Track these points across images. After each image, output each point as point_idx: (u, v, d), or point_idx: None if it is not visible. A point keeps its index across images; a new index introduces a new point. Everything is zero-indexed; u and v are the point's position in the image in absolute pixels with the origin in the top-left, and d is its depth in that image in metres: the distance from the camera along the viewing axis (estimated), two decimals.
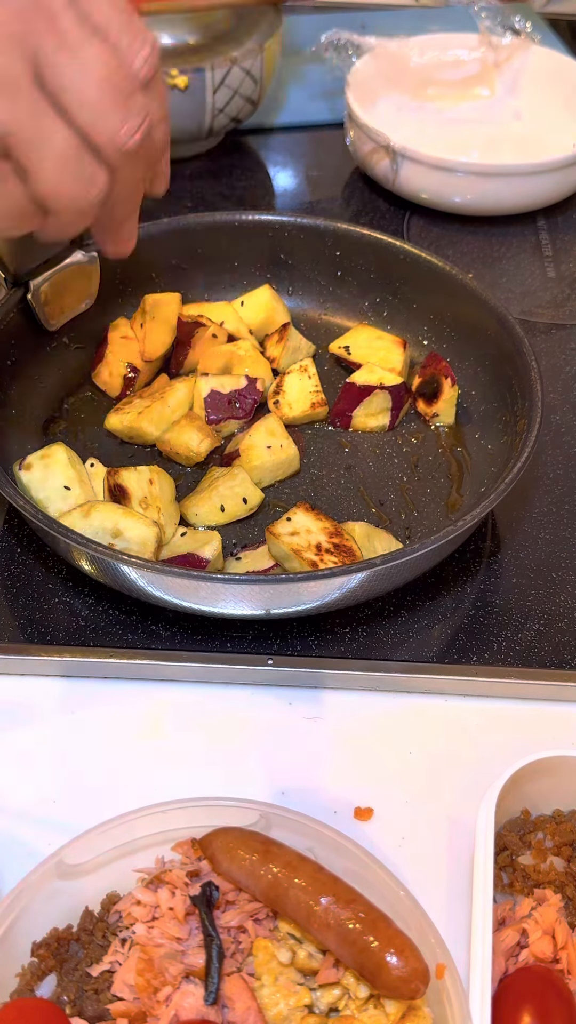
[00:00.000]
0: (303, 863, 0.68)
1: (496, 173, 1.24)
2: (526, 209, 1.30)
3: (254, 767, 0.81)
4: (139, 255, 1.09)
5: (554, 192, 1.29)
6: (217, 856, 0.69)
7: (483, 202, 1.26)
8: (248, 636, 0.87)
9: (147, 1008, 0.64)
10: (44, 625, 0.88)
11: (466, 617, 0.89)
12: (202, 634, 0.87)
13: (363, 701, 0.86)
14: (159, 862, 0.71)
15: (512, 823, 0.76)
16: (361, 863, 0.69)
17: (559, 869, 0.73)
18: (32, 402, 1.01)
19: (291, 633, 0.87)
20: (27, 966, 0.67)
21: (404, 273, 1.08)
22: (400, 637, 0.88)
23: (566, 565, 0.94)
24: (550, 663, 0.86)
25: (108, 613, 0.89)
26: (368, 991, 0.65)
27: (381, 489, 0.98)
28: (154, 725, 0.84)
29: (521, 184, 1.25)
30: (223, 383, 1.00)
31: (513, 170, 1.24)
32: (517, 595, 0.91)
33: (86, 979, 0.66)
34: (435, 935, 0.66)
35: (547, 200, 1.30)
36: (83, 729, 0.83)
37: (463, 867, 0.75)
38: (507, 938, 0.69)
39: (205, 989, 0.65)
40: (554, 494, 0.99)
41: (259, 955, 0.67)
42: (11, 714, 0.84)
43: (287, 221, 1.11)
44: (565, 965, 0.68)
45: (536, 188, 1.26)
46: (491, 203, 1.27)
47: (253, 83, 1.28)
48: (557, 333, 1.16)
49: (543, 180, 1.25)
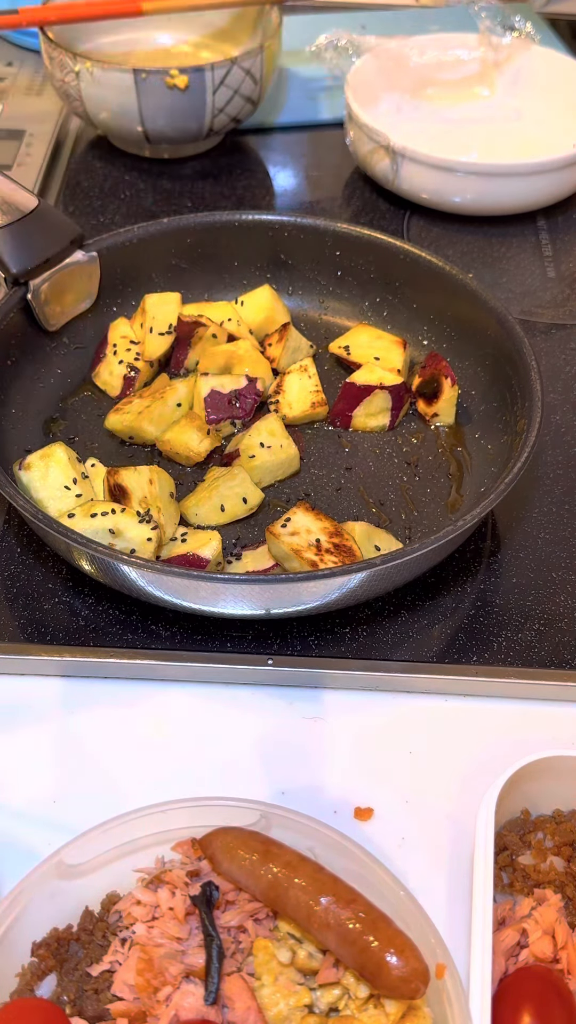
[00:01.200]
0: (303, 863, 0.68)
1: (496, 173, 1.24)
2: (526, 209, 1.30)
3: (254, 767, 0.81)
4: (139, 255, 1.10)
5: (554, 192, 1.29)
6: (217, 856, 0.69)
7: (483, 202, 1.26)
8: (248, 636, 0.87)
9: (147, 1008, 0.64)
10: (44, 625, 0.88)
11: (466, 617, 0.89)
12: (202, 634, 0.87)
13: (363, 701, 0.86)
14: (159, 862, 0.71)
15: (512, 823, 0.76)
16: (361, 863, 0.69)
17: (559, 869, 0.73)
18: (32, 402, 1.01)
19: (291, 633, 0.87)
20: (27, 966, 0.67)
21: (404, 273, 1.08)
22: (400, 637, 0.88)
23: (566, 565, 0.94)
24: (550, 663, 0.86)
25: (108, 613, 0.88)
26: (368, 991, 0.65)
27: (381, 489, 0.98)
28: (154, 725, 0.84)
29: (521, 184, 1.25)
30: (223, 383, 1.00)
31: (513, 170, 1.24)
32: (517, 595, 0.91)
33: (86, 979, 0.66)
34: (435, 935, 0.66)
35: (547, 200, 1.30)
36: (83, 729, 0.83)
37: (463, 867, 0.75)
38: (507, 938, 0.69)
39: (205, 989, 0.65)
40: (554, 494, 0.99)
41: (259, 955, 0.67)
42: (11, 714, 0.84)
43: (287, 221, 1.11)
44: (565, 965, 0.68)
45: (536, 188, 1.26)
46: (491, 203, 1.27)
47: (253, 83, 1.28)
48: (557, 333, 1.16)
49: (543, 180, 1.25)
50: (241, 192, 1.34)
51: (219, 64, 1.23)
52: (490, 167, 1.24)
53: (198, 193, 1.34)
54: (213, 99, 1.26)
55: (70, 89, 1.27)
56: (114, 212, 1.31)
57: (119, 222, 1.28)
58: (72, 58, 1.24)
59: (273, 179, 1.38)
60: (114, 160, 1.38)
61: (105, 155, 1.39)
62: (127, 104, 1.25)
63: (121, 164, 1.37)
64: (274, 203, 1.35)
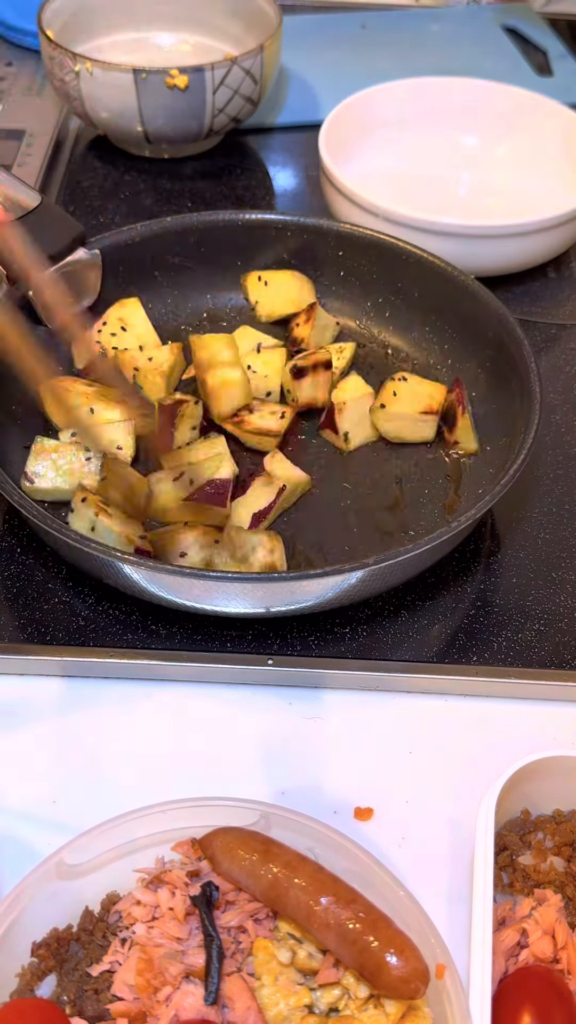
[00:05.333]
0: (303, 863, 0.68)
1: (483, 235, 1.14)
2: (517, 269, 1.20)
3: (254, 767, 0.81)
4: (142, 253, 1.10)
5: (549, 250, 1.20)
6: (217, 856, 0.69)
7: (470, 263, 1.10)
8: (248, 636, 0.87)
9: (147, 1008, 0.64)
10: (44, 625, 0.88)
11: (466, 617, 0.89)
12: (202, 634, 0.87)
13: (363, 701, 0.86)
14: (159, 862, 0.71)
15: (512, 823, 0.76)
16: (361, 863, 0.69)
17: (559, 869, 0.73)
18: (33, 398, 1.01)
19: (291, 633, 0.87)
20: (27, 966, 0.67)
21: (407, 273, 1.08)
22: (400, 637, 0.88)
23: (566, 565, 0.94)
24: (550, 663, 0.86)
25: (108, 613, 0.88)
26: (368, 991, 0.65)
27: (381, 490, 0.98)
28: (154, 725, 0.84)
29: (508, 245, 1.16)
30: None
31: (500, 231, 1.14)
32: (517, 595, 0.91)
33: (86, 979, 0.66)
34: (435, 935, 0.66)
35: (541, 259, 1.21)
36: (83, 729, 0.83)
37: (463, 867, 0.75)
38: (507, 938, 0.69)
39: (205, 989, 0.65)
40: (554, 494, 0.99)
41: (259, 955, 0.67)
42: (11, 714, 0.84)
43: (290, 220, 1.11)
44: (565, 965, 0.68)
45: (528, 247, 1.17)
46: (474, 264, 1.12)
47: (253, 83, 1.28)
48: (557, 333, 1.16)
49: (537, 239, 1.16)
50: (241, 192, 1.34)
51: (219, 64, 1.23)
52: (476, 228, 1.13)
53: (198, 193, 1.34)
54: (213, 99, 1.26)
55: (70, 89, 1.27)
56: (114, 212, 1.31)
57: (119, 222, 1.28)
58: (72, 58, 1.24)
59: (273, 179, 1.38)
60: (114, 160, 1.38)
61: (105, 155, 1.39)
62: (127, 104, 1.25)
63: (121, 164, 1.37)
64: (274, 203, 1.35)
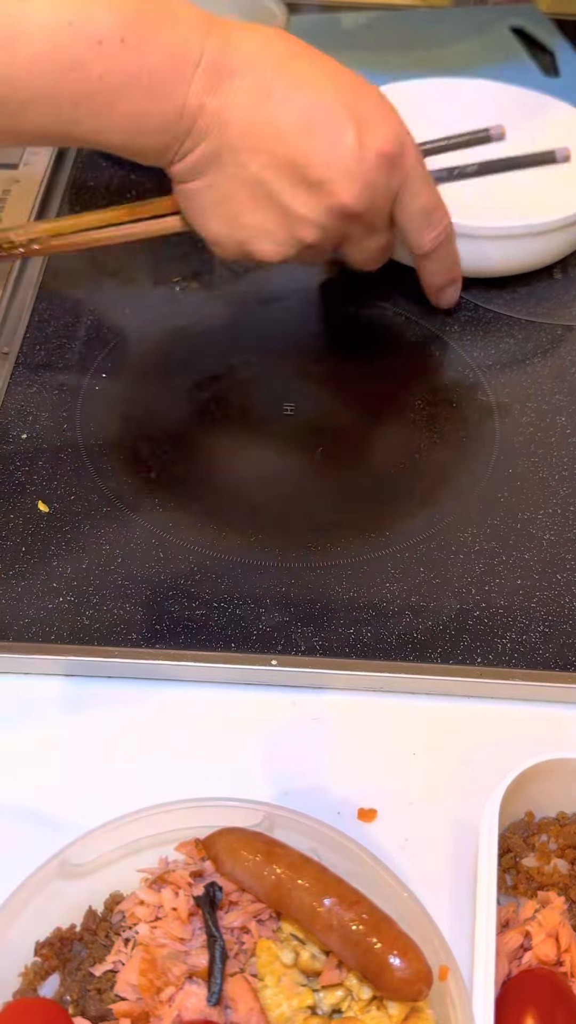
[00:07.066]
0: (307, 864, 0.67)
1: (489, 236, 1.12)
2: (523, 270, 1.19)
3: (258, 768, 0.81)
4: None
5: (556, 251, 1.19)
6: (220, 857, 0.69)
7: (475, 263, 1.11)
8: (252, 636, 0.87)
9: (150, 1008, 0.64)
10: (48, 624, 0.87)
11: (470, 618, 0.89)
12: (206, 634, 0.87)
13: (367, 702, 0.85)
14: (162, 862, 0.71)
15: (516, 825, 0.76)
16: (364, 864, 0.69)
17: (563, 872, 0.73)
18: None
19: (296, 634, 0.87)
20: (30, 966, 0.67)
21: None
22: (404, 638, 0.88)
23: (571, 567, 0.93)
24: (555, 665, 0.86)
25: (112, 612, 0.88)
26: (371, 993, 0.65)
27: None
28: (158, 724, 0.84)
29: (515, 246, 1.14)
30: None
31: (506, 232, 1.13)
32: (522, 597, 0.91)
33: (89, 979, 0.66)
34: (438, 937, 0.66)
35: (548, 260, 1.19)
36: (85, 729, 0.83)
37: (467, 869, 0.75)
38: (511, 940, 0.69)
39: (208, 990, 0.64)
40: (559, 495, 0.99)
41: (262, 956, 0.67)
42: (13, 714, 0.84)
43: None
44: (568, 968, 0.68)
45: (534, 249, 1.16)
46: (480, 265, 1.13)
47: None
48: (563, 335, 1.16)
49: (543, 241, 1.15)
50: None
51: None
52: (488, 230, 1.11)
53: None
54: None
55: None
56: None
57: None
58: None
59: None
60: (121, 159, 1.38)
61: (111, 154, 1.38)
62: None
63: (127, 163, 1.37)
64: None
